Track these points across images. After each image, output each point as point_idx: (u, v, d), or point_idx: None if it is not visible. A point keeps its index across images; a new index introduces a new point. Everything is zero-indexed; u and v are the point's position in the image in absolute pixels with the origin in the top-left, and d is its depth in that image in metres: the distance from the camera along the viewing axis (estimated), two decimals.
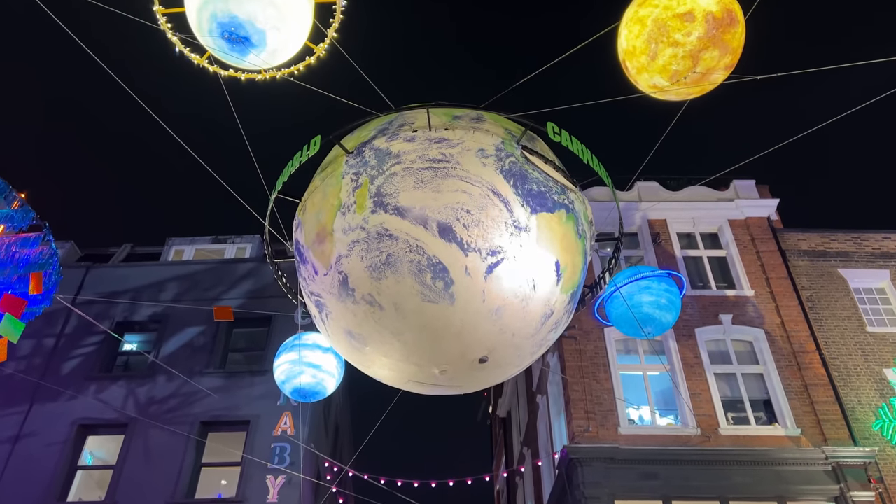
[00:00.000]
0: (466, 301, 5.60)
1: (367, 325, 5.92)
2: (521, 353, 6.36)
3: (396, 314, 5.74)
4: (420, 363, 6.28)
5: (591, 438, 12.80)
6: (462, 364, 6.19)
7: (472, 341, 5.98)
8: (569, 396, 13.55)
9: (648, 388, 13.88)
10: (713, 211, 16.61)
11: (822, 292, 15.16)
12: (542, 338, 6.30)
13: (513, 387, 23.06)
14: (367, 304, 5.78)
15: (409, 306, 5.66)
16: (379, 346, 6.17)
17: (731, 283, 15.54)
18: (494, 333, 5.97)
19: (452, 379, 6.47)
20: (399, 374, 6.48)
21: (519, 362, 6.63)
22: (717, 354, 14.36)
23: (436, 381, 6.54)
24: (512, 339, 6.07)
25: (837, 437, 12.73)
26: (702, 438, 12.82)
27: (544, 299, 5.98)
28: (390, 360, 6.37)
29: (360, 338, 6.08)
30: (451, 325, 5.81)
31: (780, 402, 13.42)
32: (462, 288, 5.51)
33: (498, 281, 5.60)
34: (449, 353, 6.12)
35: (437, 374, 6.29)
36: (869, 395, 13.45)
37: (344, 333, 6.24)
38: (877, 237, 16.09)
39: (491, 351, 6.10)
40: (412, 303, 5.63)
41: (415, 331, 5.89)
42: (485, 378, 6.65)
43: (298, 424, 13.30)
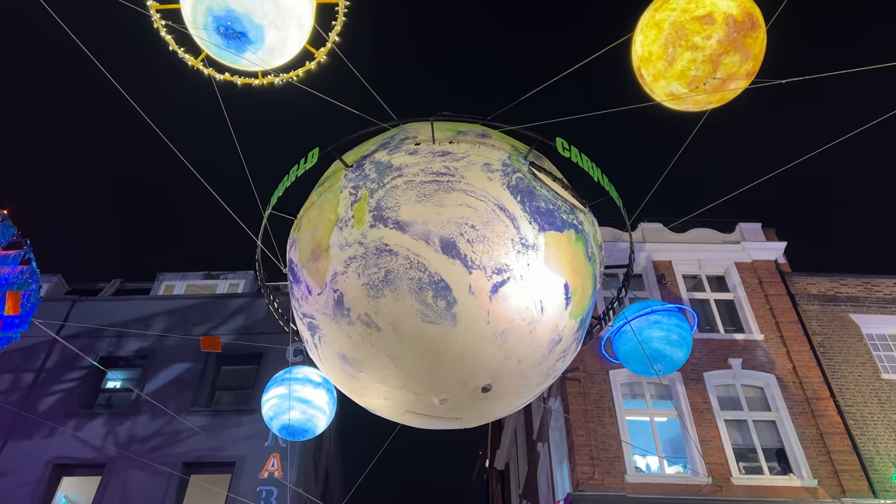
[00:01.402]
0: (470, 322, 5.21)
1: (362, 348, 5.50)
2: (527, 382, 5.90)
3: (394, 336, 5.34)
4: (419, 391, 5.82)
5: (597, 486, 12.11)
6: (463, 393, 5.72)
7: (474, 367, 5.55)
8: (573, 442, 12.90)
9: (656, 435, 13.23)
10: (719, 253, 16.26)
11: (835, 337, 14.66)
12: (549, 366, 5.86)
13: (511, 436, 22.28)
14: (363, 324, 5.39)
15: (409, 327, 5.27)
16: (375, 372, 5.73)
17: (740, 326, 15.06)
18: (499, 359, 5.55)
19: (453, 409, 5.98)
20: (396, 404, 6.00)
21: (524, 393, 6.15)
22: (727, 400, 13.77)
23: (435, 413, 6.04)
24: (518, 366, 5.64)
25: (856, 488, 12.05)
26: (713, 488, 12.12)
27: (552, 324, 5.58)
28: (387, 388, 5.90)
29: (355, 363, 5.64)
30: (453, 349, 5.40)
31: (794, 450, 12.77)
32: (465, 308, 5.13)
33: (504, 301, 5.22)
34: (450, 379, 5.67)
35: (436, 404, 5.82)
36: (887, 445, 12.82)
37: (338, 358, 5.80)
38: (888, 282, 15.70)
39: (495, 379, 5.66)
40: (412, 323, 5.24)
41: (414, 354, 5.48)
42: (487, 410, 6.15)
43: (287, 467, 12.58)
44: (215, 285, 17.07)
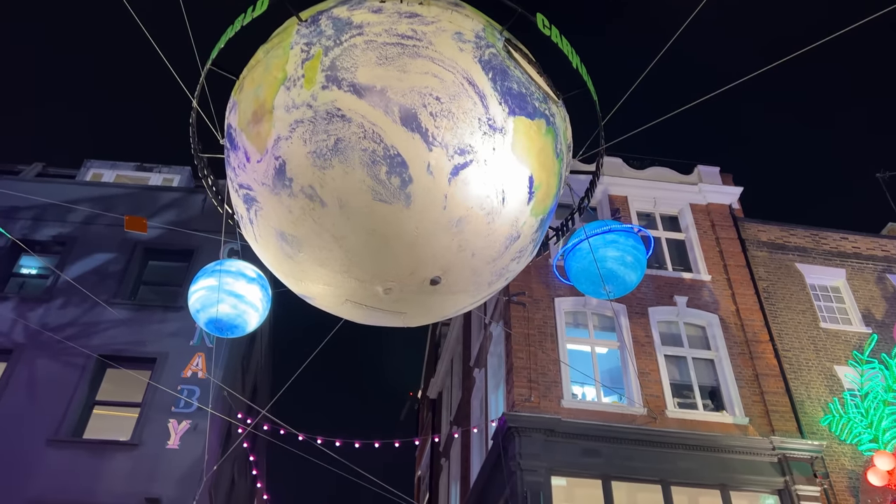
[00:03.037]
0: (425, 205, 4.60)
1: (303, 224, 4.84)
2: (478, 279, 5.36)
3: (340, 213, 4.70)
4: (362, 278, 5.23)
5: (532, 408, 11.94)
6: (410, 284, 5.14)
7: (425, 256, 4.97)
8: (512, 364, 12.66)
9: (596, 364, 13.13)
10: (676, 193, 16.04)
11: (779, 284, 14.74)
12: (503, 265, 5.34)
13: (448, 365, 22.15)
14: (306, 198, 4.70)
15: (357, 204, 4.62)
16: (316, 254, 5.09)
17: (689, 266, 14.98)
18: (452, 250, 4.97)
19: (397, 302, 5.39)
20: (336, 291, 5.37)
21: (474, 292, 5.63)
22: (669, 336, 13.74)
23: (378, 304, 5.45)
24: (471, 260, 5.09)
25: (785, 428, 12.24)
26: (648, 419, 12.13)
27: (512, 218, 5.03)
28: (328, 273, 5.28)
29: (295, 241, 4.99)
30: (404, 233, 4.79)
31: (729, 389, 12.87)
32: (421, 188, 4.51)
33: (464, 186, 4.62)
34: (397, 267, 5.07)
35: (380, 294, 5.22)
36: (819, 390, 13.05)
37: (275, 236, 5.13)
38: (835, 236, 15.82)
39: (445, 272, 5.09)
40: (361, 200, 4.59)
41: (361, 235, 4.86)
42: (433, 306, 5.59)
43: (212, 367, 11.93)
44: (148, 178, 15.89)
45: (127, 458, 11.26)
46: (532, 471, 11.22)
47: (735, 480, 11.64)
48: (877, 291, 14.89)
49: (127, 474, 11.06)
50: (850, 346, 13.64)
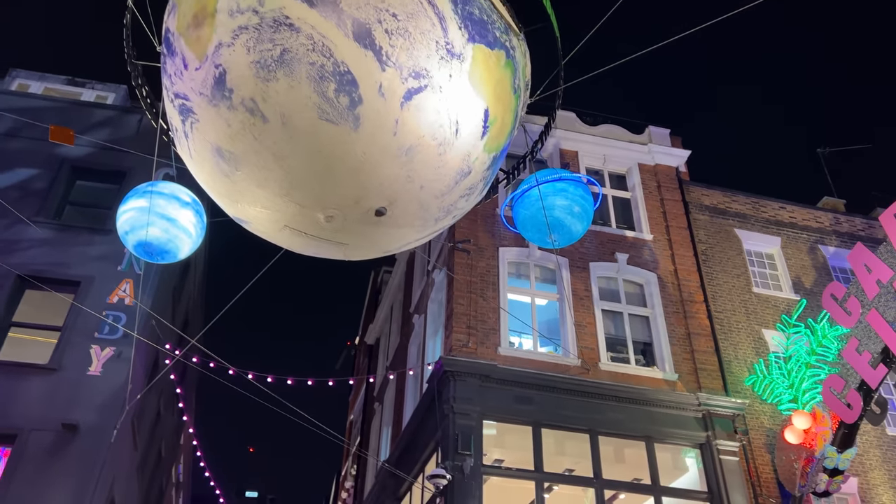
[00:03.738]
0: (374, 129, 4.32)
1: (243, 140, 4.49)
2: (425, 214, 5.12)
3: (283, 130, 4.37)
4: (303, 202, 4.92)
5: (470, 353, 11.95)
6: (354, 213, 4.87)
7: (372, 183, 4.70)
8: (452, 310, 12.60)
9: (535, 315, 13.20)
10: (625, 152, 16.06)
11: (717, 248, 15.05)
12: (451, 202, 5.11)
13: (387, 312, 22.04)
14: (246, 111, 4.35)
15: (301, 122, 4.31)
16: (255, 173, 4.75)
17: (632, 224, 15.11)
18: (400, 180, 4.71)
19: (339, 232, 5.11)
20: (274, 216, 5.05)
21: (420, 227, 5.40)
22: (608, 291, 13.90)
23: (318, 233, 5.16)
24: (419, 192, 4.84)
25: (712, 386, 12.63)
26: (581, 370, 12.31)
27: (465, 152, 4.79)
28: (266, 195, 4.95)
29: (233, 159, 4.64)
30: (351, 157, 4.51)
31: (661, 346, 13.17)
32: (371, 111, 4.23)
33: (416, 112, 4.35)
34: (341, 194, 4.79)
35: (321, 222, 4.92)
36: (746, 352, 13.49)
37: (212, 152, 4.75)
38: (774, 205, 16.20)
39: (392, 202, 4.84)
40: (306, 118, 4.27)
41: (303, 156, 4.55)
42: (376, 239, 5.34)
43: (139, 294, 11.42)
44: (80, 93, 14.87)
45: (44, 383, 10.75)
46: (465, 414, 11.28)
47: (660, 433, 11.99)
48: (808, 261, 15.39)
49: (44, 399, 10.57)
50: (779, 311, 14.11)
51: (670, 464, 12.52)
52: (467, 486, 10.68)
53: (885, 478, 12.55)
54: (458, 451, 10.94)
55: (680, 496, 11.80)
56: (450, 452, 10.97)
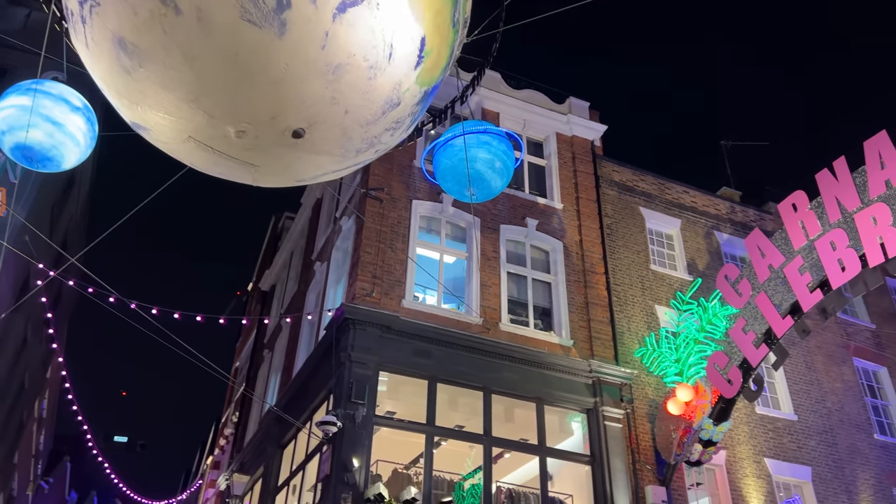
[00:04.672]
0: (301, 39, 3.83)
1: (150, 32, 3.87)
2: (346, 143, 4.70)
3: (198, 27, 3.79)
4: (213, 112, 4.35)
5: (373, 303, 11.65)
6: (269, 131, 4.36)
7: (292, 100, 4.21)
8: (359, 258, 12.22)
9: (442, 271, 13.05)
10: (545, 119, 16.06)
11: (622, 223, 15.42)
12: (376, 134, 4.72)
13: (286, 258, 21.29)
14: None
15: (220, 20, 3.73)
16: (161, 72, 4.13)
17: (544, 192, 15.19)
18: (325, 101, 4.25)
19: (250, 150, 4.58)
20: (178, 124, 4.45)
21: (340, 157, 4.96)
22: (515, 255, 13.95)
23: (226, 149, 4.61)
24: (343, 117, 4.41)
25: (604, 354, 13.00)
26: (481, 328, 12.31)
27: (396, 80, 4.39)
28: (172, 98, 4.34)
29: (136, 53, 4.01)
30: (272, 67, 4.00)
31: (560, 312, 13.39)
32: (300, 18, 3.73)
33: (349, 27, 3.89)
34: (256, 107, 4.25)
35: (231, 137, 4.38)
36: (638, 325, 13.96)
37: (112, 42, 4.09)
38: (677, 188, 16.76)
39: (312, 124, 4.37)
40: (225, 16, 3.71)
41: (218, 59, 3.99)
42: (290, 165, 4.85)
43: (12, 202, 10.28)
44: None
45: None
46: (362, 364, 11.02)
47: (551, 396, 12.23)
48: (703, 244, 16.09)
49: None
50: (673, 289, 14.68)
51: (557, 426, 12.84)
52: (357, 435, 10.48)
53: (750, 452, 13.44)
54: (351, 399, 10.69)
55: (564, 458, 12.13)
56: (342, 401, 10.71)
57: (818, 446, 14.20)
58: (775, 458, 13.62)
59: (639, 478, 12.08)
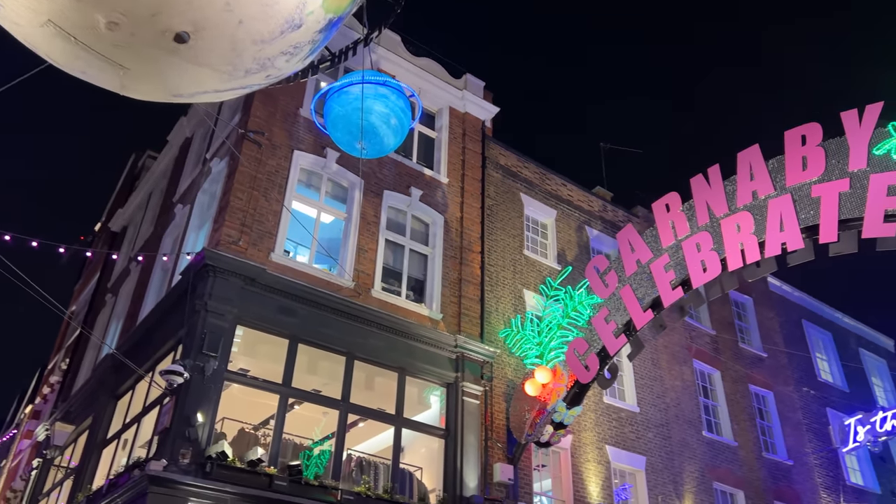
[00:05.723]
0: None
1: None
2: (235, 59, 4.16)
3: None
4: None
5: (238, 252, 10.86)
6: (147, 28, 3.76)
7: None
8: (228, 202, 11.35)
9: (317, 229, 12.44)
10: (441, 91, 15.78)
11: (502, 206, 15.51)
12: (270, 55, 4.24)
13: (143, 199, 19.65)
14: None
15: None
16: None
17: (431, 164, 14.94)
18: (217, 5, 3.75)
19: (121, 48, 3.92)
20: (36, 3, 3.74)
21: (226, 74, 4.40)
22: (395, 223, 13.60)
23: (94, 42, 3.92)
24: (237, 28, 3.91)
25: (470, 331, 12.99)
26: (352, 293, 11.88)
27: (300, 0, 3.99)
28: None
29: None
30: None
31: (434, 285, 13.24)
32: None
33: None
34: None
35: (100, 27, 3.72)
36: (506, 307, 14.10)
37: None
38: (557, 180, 17.13)
39: (199, 30, 3.84)
40: None
41: None
42: (168, 72, 4.22)
43: None
44: None
45: None
46: (219, 314, 10.24)
47: (414, 367, 12.05)
48: (574, 237, 16.56)
49: None
50: (542, 276, 14.98)
51: (416, 398, 12.72)
52: (205, 390, 9.74)
53: (594, 439, 14.02)
54: (202, 351, 9.92)
55: (419, 430, 12.01)
56: (192, 352, 9.91)
57: (654, 438, 15.10)
58: (616, 446, 14.31)
59: (489, 455, 12.22)
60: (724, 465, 16.05)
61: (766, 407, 18.46)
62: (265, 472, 9.61)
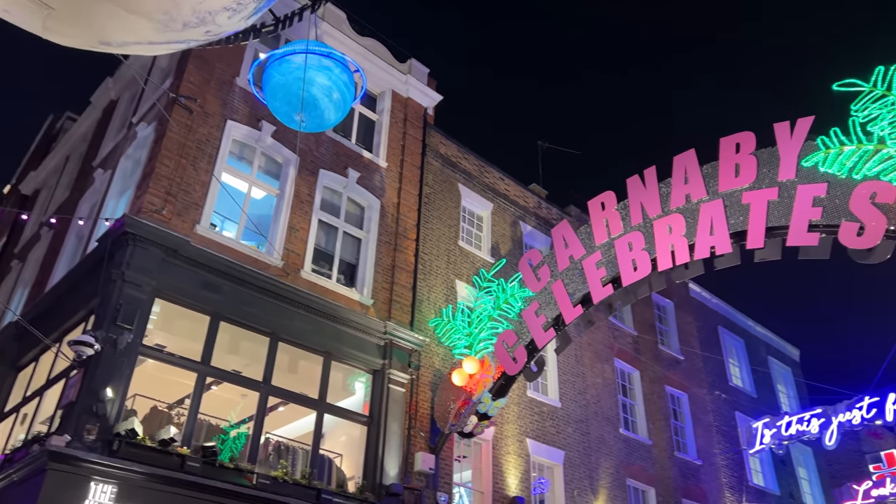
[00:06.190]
0: None
1: None
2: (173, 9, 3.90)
3: None
4: None
5: (161, 221, 10.31)
6: None
7: None
8: (154, 168, 10.75)
9: (247, 204, 11.97)
10: (384, 74, 15.49)
11: (440, 196, 15.38)
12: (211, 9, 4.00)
13: (60, 162, 18.54)
14: None
15: None
16: None
17: (371, 147, 14.65)
18: None
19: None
20: None
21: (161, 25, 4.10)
22: (330, 204, 13.26)
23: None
24: None
25: (400, 318, 12.81)
26: (280, 272, 11.49)
27: None
28: None
29: None
30: None
31: (366, 270, 12.98)
32: None
33: None
34: None
35: None
36: (437, 296, 13.99)
37: None
38: (496, 173, 17.13)
39: None
40: None
41: None
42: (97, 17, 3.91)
43: None
44: None
45: None
46: (136, 285, 9.70)
47: (341, 352, 11.78)
48: (509, 232, 16.61)
49: None
50: (475, 268, 14.94)
51: (340, 384, 12.45)
52: (117, 364, 9.20)
53: (515, 431, 14.11)
54: (116, 322, 9.37)
55: (342, 416, 11.75)
56: (105, 323, 9.35)
57: (574, 433, 15.34)
58: (536, 440, 14.45)
59: (411, 444, 12.09)
60: (638, 463, 16.47)
61: (680, 408, 19.08)
62: (177, 453, 9.17)
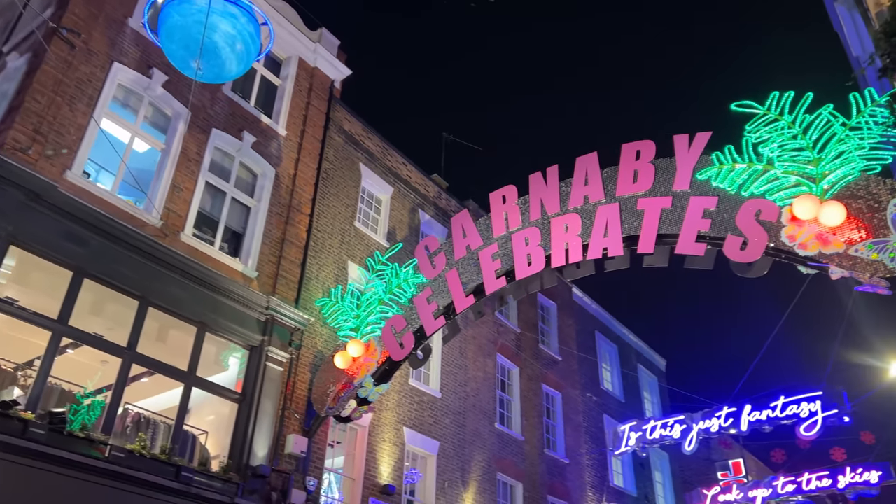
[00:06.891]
0: None
1: None
2: None
3: None
4: None
5: (27, 162, 9.24)
6: None
7: None
8: (23, 103, 9.62)
9: (128, 156, 10.99)
10: (292, 39, 14.78)
11: (339, 173, 14.88)
12: None
13: None
14: None
15: None
16: None
17: (270, 112, 13.92)
18: None
19: None
20: None
21: None
22: (220, 166, 12.46)
23: None
24: None
25: (285, 294, 12.24)
26: (158, 232, 10.65)
27: None
28: None
29: None
30: None
31: (253, 241, 12.30)
32: None
33: None
34: None
35: None
36: (327, 276, 13.51)
37: None
38: (399, 158, 16.82)
39: None
40: None
41: None
42: None
43: None
44: None
45: None
46: None
47: (217, 324, 11.08)
48: (407, 218, 16.35)
49: None
50: (369, 251, 14.56)
51: (213, 358, 11.73)
52: None
53: (393, 419, 13.88)
54: None
55: (211, 391, 11.05)
56: None
57: (451, 425, 15.32)
58: (413, 429, 14.30)
59: (284, 425, 11.58)
60: (509, 458, 16.72)
61: (553, 406, 19.59)
62: (19, 417, 8.23)
